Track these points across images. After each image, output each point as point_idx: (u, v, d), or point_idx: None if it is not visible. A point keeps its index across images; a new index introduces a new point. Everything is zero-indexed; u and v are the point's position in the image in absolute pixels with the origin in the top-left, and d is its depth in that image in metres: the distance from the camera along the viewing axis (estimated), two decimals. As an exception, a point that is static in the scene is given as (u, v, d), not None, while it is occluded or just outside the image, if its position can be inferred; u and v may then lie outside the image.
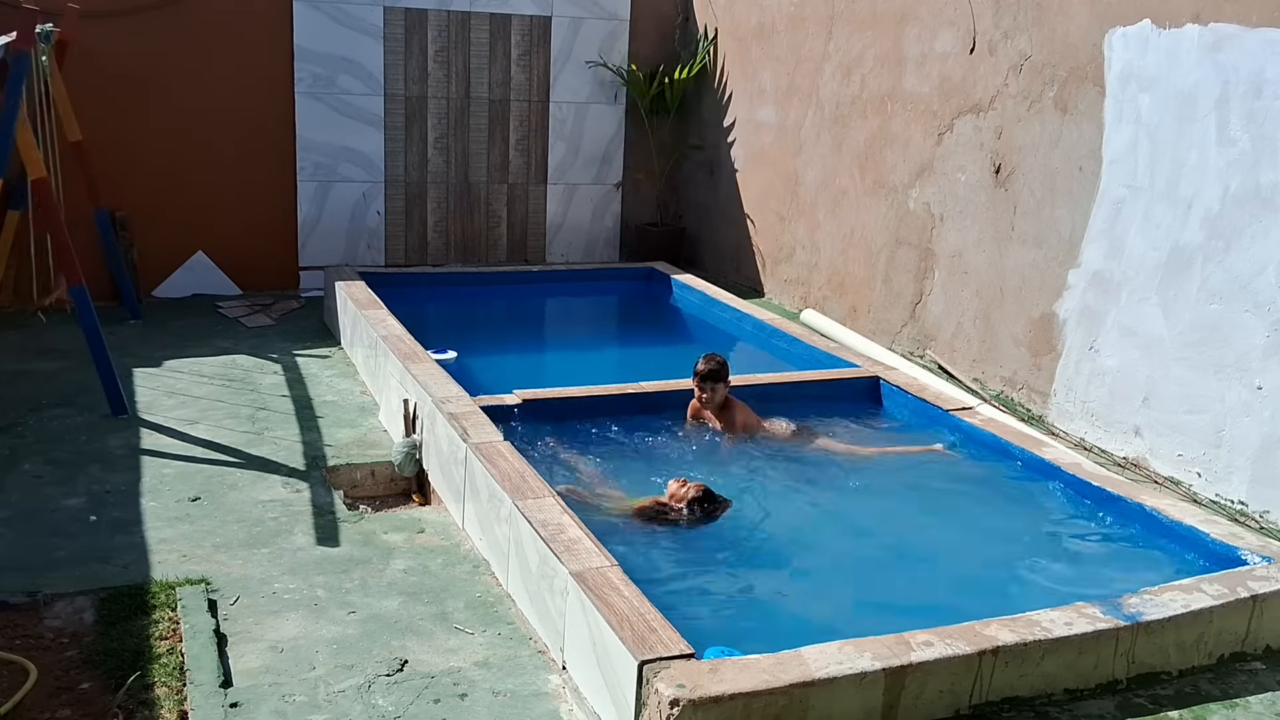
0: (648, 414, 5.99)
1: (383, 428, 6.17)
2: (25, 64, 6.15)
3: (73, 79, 7.82)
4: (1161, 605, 3.95)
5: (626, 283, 9.72)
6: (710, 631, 3.94)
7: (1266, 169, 5.15)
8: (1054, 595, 4.28)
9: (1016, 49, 6.65)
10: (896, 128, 7.77)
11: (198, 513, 5.03)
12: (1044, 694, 3.74)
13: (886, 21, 7.84)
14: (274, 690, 3.66)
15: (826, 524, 5.17)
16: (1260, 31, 5.17)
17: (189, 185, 8.89)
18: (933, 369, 7.26)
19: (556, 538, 4.12)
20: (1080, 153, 6.20)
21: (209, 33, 8.75)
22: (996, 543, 5.06)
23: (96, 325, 6.20)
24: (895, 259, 7.82)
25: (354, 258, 9.54)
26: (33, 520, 4.89)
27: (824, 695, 3.39)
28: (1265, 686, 3.94)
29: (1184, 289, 5.57)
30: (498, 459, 4.83)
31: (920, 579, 4.62)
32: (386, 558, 4.68)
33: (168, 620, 4.03)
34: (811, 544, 4.98)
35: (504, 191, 10.07)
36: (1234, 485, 5.32)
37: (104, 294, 8.16)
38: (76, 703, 3.55)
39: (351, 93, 9.31)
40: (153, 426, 6.06)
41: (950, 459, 5.80)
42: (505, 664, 3.90)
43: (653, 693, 3.30)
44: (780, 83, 9.14)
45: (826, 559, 4.91)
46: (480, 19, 9.65)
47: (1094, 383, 6.12)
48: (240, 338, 7.91)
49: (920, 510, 5.33)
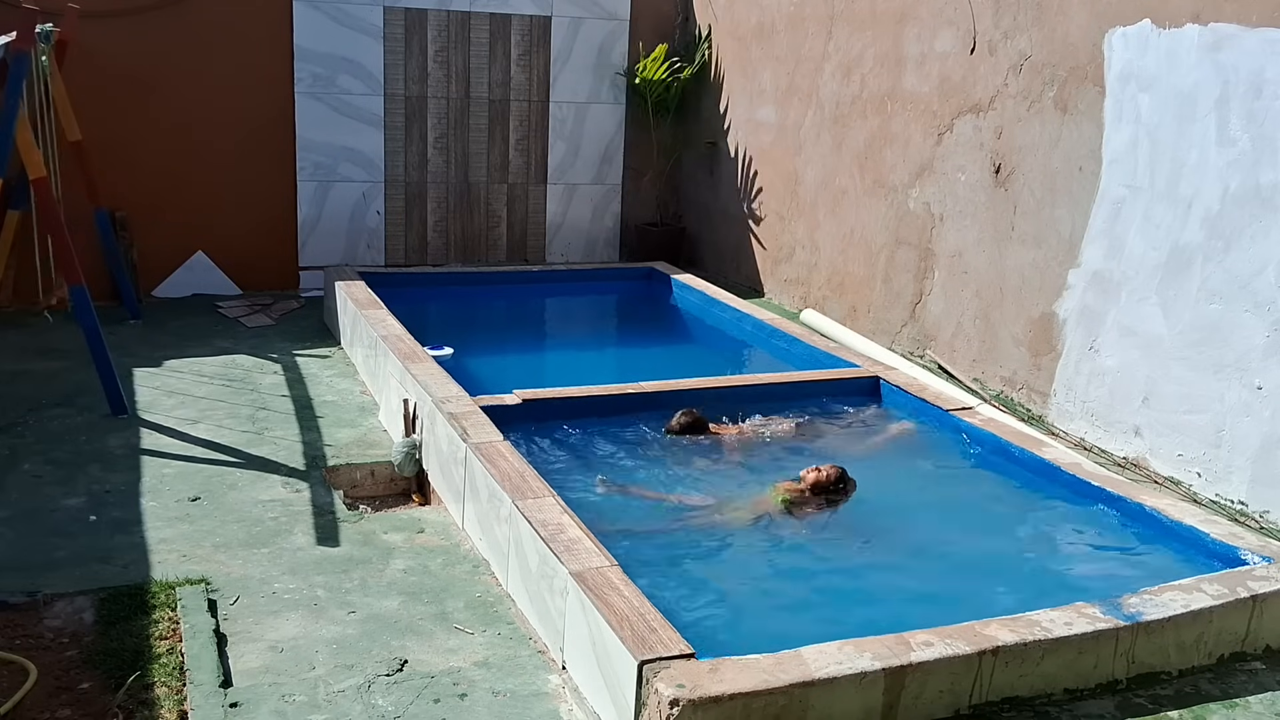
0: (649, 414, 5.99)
1: (382, 428, 6.17)
2: (25, 64, 6.15)
3: (73, 79, 7.82)
4: (1161, 605, 3.95)
5: (626, 283, 9.72)
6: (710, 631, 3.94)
7: (1266, 169, 5.15)
8: (1054, 595, 4.28)
9: (1016, 49, 6.65)
10: (896, 127, 7.77)
11: (198, 513, 5.03)
12: (1044, 694, 3.74)
13: (886, 21, 7.84)
14: (274, 690, 3.66)
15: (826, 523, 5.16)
16: (1260, 31, 5.17)
17: (189, 185, 8.89)
18: (933, 369, 7.26)
19: (556, 537, 4.12)
20: (1080, 153, 6.20)
21: (209, 33, 8.75)
22: (996, 542, 5.07)
23: (96, 325, 6.20)
24: (895, 259, 7.82)
25: (354, 258, 9.54)
26: (33, 520, 4.89)
27: (824, 695, 3.40)
28: (1265, 686, 3.94)
29: (1184, 289, 5.57)
30: (498, 459, 4.83)
31: (920, 579, 4.62)
32: (386, 558, 4.68)
33: (168, 620, 4.03)
34: (811, 543, 4.98)
35: (504, 191, 10.07)
36: (1234, 485, 5.33)
37: (104, 294, 8.16)
38: (76, 703, 3.56)
39: (351, 92, 9.31)
40: (153, 426, 6.06)
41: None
42: (505, 664, 3.90)
43: (652, 693, 3.30)
44: (780, 82, 9.14)
45: (826, 558, 4.91)
46: (480, 19, 9.65)
47: (1094, 383, 6.12)
48: (240, 338, 7.91)
49: (920, 510, 5.33)
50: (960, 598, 4.37)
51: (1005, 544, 5.08)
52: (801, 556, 4.85)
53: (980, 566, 4.81)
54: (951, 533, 5.08)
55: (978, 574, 4.73)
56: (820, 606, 4.42)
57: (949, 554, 4.87)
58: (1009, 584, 4.66)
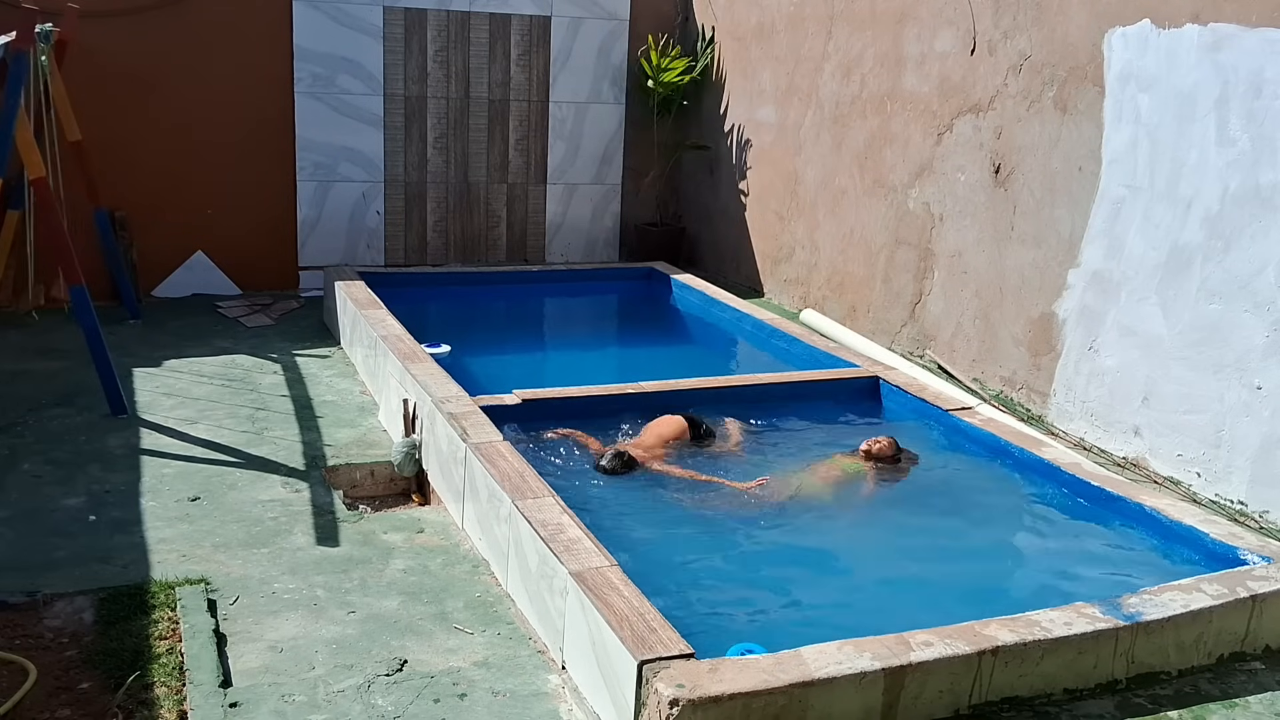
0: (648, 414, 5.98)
1: (382, 427, 6.17)
2: (25, 63, 6.15)
3: (72, 78, 7.82)
4: (1161, 605, 3.95)
5: (626, 282, 9.72)
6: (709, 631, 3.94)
7: (1266, 169, 5.15)
8: (1053, 595, 4.29)
9: (1016, 49, 6.65)
10: (896, 127, 7.77)
11: (197, 512, 5.03)
12: (1043, 694, 3.74)
13: (886, 21, 7.84)
14: (273, 690, 3.66)
15: (825, 523, 5.17)
16: (1260, 31, 5.17)
17: (189, 185, 8.89)
18: (932, 369, 7.26)
19: (556, 537, 4.12)
20: (1080, 153, 6.20)
21: (209, 32, 8.75)
22: (996, 542, 5.07)
23: (96, 325, 6.19)
24: (895, 259, 7.82)
25: (353, 257, 9.54)
26: (32, 520, 4.89)
27: (823, 695, 3.40)
28: (1265, 686, 3.94)
29: (1183, 289, 5.57)
30: (497, 459, 4.83)
31: (919, 578, 4.62)
32: (386, 557, 4.68)
33: (167, 620, 4.03)
34: (810, 543, 4.99)
35: (504, 191, 10.07)
36: (1233, 485, 5.33)
37: (103, 294, 8.16)
38: (76, 702, 3.56)
39: (351, 92, 9.31)
40: (152, 426, 6.06)
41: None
42: (505, 664, 3.90)
43: (652, 692, 3.30)
44: (780, 82, 9.14)
45: (825, 558, 4.91)
46: (480, 19, 9.65)
47: (1093, 382, 6.12)
48: (240, 337, 7.91)
49: (919, 510, 5.33)
50: (959, 597, 4.37)
51: (1005, 544, 5.08)
52: (800, 555, 4.85)
53: (980, 566, 4.81)
54: (951, 533, 5.08)
55: (977, 574, 4.73)
56: (821, 606, 4.42)
57: (949, 554, 4.87)
58: (1009, 584, 4.66)
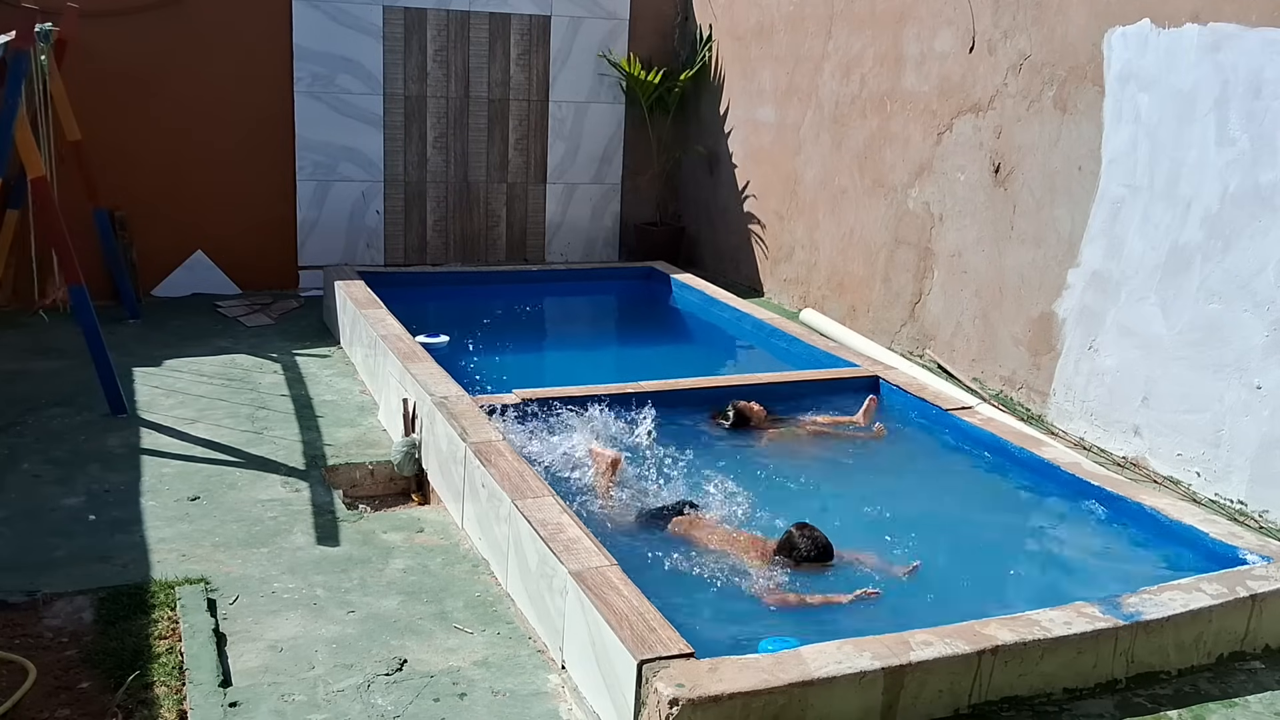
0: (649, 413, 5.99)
1: (382, 427, 6.17)
2: (24, 63, 6.15)
3: (72, 78, 7.81)
4: (1160, 605, 3.95)
5: (626, 282, 9.72)
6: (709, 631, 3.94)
7: (1265, 169, 5.15)
8: (1053, 595, 4.29)
9: (1016, 48, 6.65)
10: (896, 127, 7.77)
11: (197, 512, 5.03)
12: (1043, 693, 3.74)
13: (886, 21, 7.84)
14: (273, 690, 3.66)
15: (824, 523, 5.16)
16: (1260, 31, 5.17)
17: (188, 184, 8.89)
18: (932, 368, 7.26)
19: (555, 537, 4.12)
20: (1079, 152, 6.20)
21: (209, 32, 8.75)
22: (995, 542, 5.07)
23: (95, 325, 6.19)
24: (895, 258, 7.82)
25: (353, 257, 9.54)
26: (32, 520, 4.89)
27: (823, 695, 3.40)
28: (1264, 686, 3.94)
29: (1183, 288, 5.57)
30: (497, 458, 4.83)
31: (919, 578, 4.62)
32: (386, 557, 4.68)
33: (167, 620, 4.03)
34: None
35: (503, 191, 10.07)
36: (1233, 485, 5.33)
37: (103, 293, 8.16)
38: (75, 702, 3.55)
39: (351, 92, 9.31)
40: (152, 426, 6.06)
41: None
42: (504, 663, 3.90)
43: (652, 692, 3.30)
44: (779, 82, 9.14)
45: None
46: (479, 18, 9.65)
47: (1093, 382, 6.13)
48: (239, 337, 7.91)
49: (919, 509, 5.32)
50: (959, 597, 4.37)
51: (1005, 543, 5.08)
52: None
53: (979, 566, 4.81)
54: (950, 532, 5.08)
55: (977, 573, 4.73)
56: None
57: (948, 553, 4.87)
58: (1008, 583, 4.66)
